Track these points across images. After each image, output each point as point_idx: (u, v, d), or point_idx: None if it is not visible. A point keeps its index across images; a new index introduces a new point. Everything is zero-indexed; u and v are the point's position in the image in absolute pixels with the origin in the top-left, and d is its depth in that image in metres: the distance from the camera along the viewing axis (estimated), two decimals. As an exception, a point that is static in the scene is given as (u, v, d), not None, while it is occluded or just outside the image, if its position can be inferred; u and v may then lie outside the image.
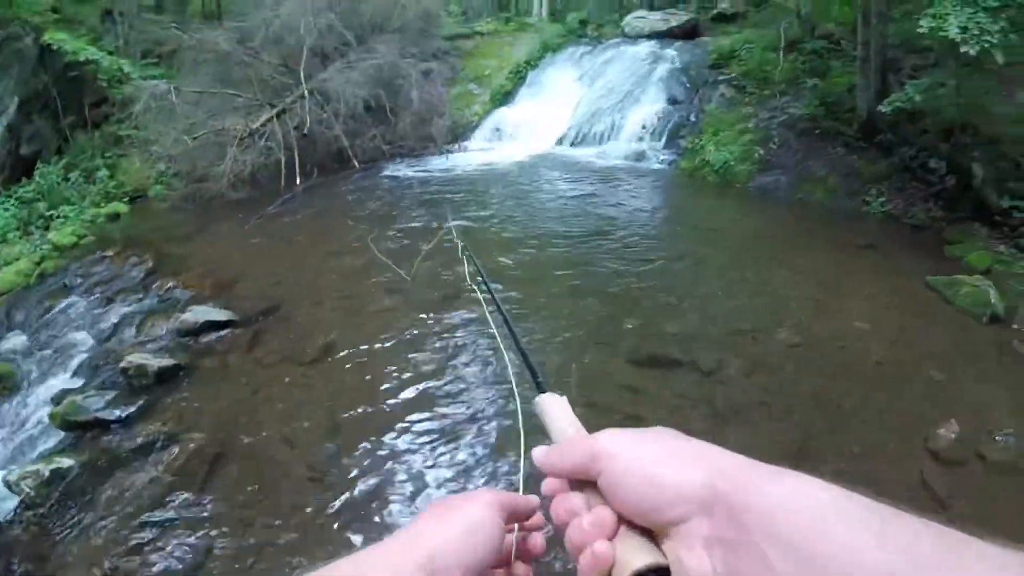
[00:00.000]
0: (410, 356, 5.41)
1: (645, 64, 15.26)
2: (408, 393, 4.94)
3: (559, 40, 17.93)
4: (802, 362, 5.53)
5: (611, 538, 0.56)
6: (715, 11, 18.69)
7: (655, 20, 17.63)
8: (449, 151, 13.61)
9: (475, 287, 1.43)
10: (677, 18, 17.60)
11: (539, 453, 0.66)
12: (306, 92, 11.84)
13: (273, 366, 5.41)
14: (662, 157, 12.78)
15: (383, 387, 5.03)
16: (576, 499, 0.61)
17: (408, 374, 5.17)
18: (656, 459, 0.55)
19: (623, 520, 0.56)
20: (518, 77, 16.41)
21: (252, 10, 13.77)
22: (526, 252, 7.84)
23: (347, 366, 5.36)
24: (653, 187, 11.44)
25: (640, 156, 12.86)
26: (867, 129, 10.83)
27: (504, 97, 15.86)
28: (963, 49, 7.37)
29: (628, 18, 18.35)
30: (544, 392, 0.76)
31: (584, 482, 0.61)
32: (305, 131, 11.47)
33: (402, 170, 12.21)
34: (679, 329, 5.97)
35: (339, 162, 12.09)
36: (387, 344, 5.63)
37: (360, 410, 4.78)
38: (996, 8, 7.36)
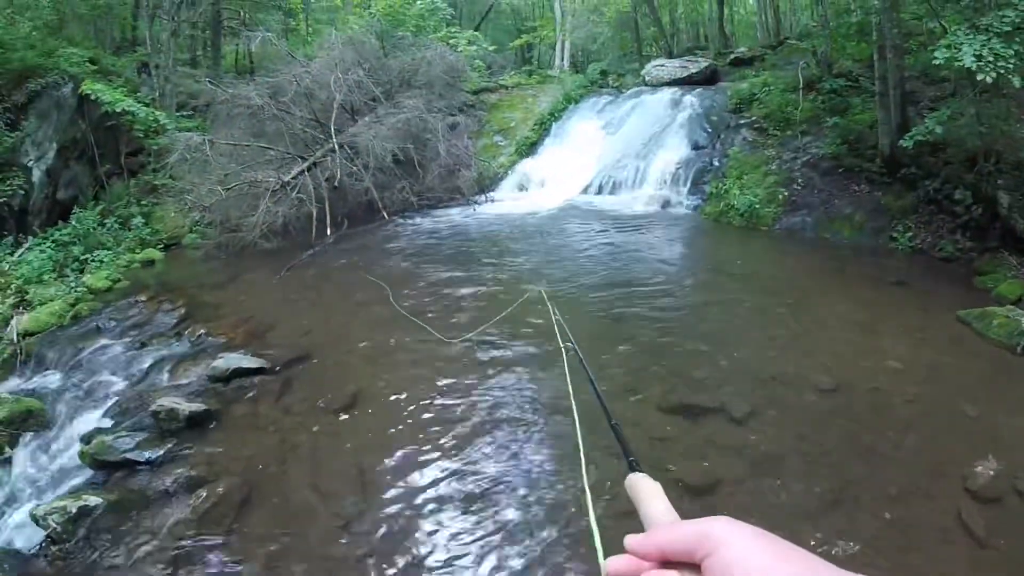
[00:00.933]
0: (441, 413, 5.38)
1: (666, 111, 15.45)
2: (437, 447, 4.92)
3: (581, 91, 18.25)
4: (835, 406, 5.45)
5: None
6: (733, 56, 18.90)
7: (674, 68, 17.90)
8: (476, 202, 13.86)
9: (563, 350, 1.40)
10: (696, 65, 17.86)
11: (635, 538, 0.66)
12: (336, 146, 12.17)
13: (302, 414, 5.45)
14: (687, 202, 12.87)
15: (411, 440, 5.02)
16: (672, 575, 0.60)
17: (436, 429, 5.14)
18: (770, 553, 0.55)
19: None
20: (542, 128, 16.73)
21: (283, 66, 14.23)
22: (554, 293, 7.82)
23: (375, 417, 5.38)
24: (679, 233, 11.45)
25: (665, 202, 12.97)
26: (890, 164, 10.83)
27: (529, 148, 16.17)
28: (979, 77, 7.40)
29: (648, 67, 18.65)
30: (637, 471, 0.77)
31: (678, 568, 0.61)
32: (336, 183, 11.78)
33: (430, 221, 12.44)
34: (708, 375, 5.91)
35: (369, 213, 12.37)
36: (416, 397, 5.60)
37: (387, 462, 4.77)
38: (1010, 32, 7.38)
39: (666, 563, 0.62)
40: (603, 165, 14.64)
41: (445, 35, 19.41)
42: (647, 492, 0.72)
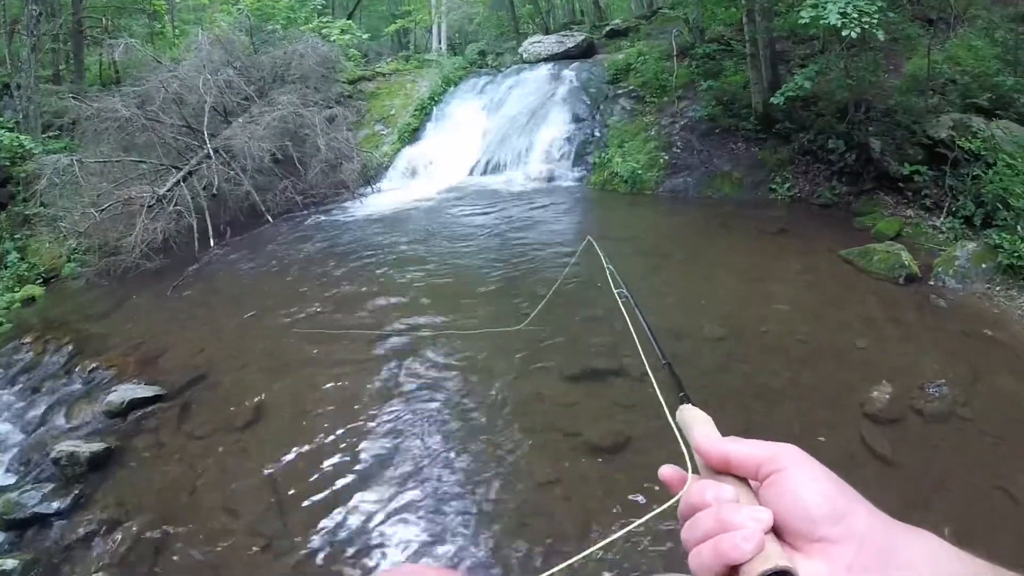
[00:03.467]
0: (345, 412, 5.22)
1: (546, 87, 15.29)
2: (346, 450, 4.75)
3: (460, 72, 17.86)
4: (729, 352, 5.52)
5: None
6: (608, 28, 18.98)
7: (551, 43, 17.75)
8: (363, 195, 13.28)
9: (618, 299, 1.50)
10: (572, 39, 17.76)
11: (710, 439, 0.68)
12: (211, 151, 11.38)
13: (205, 437, 5.20)
14: (572, 175, 12.78)
15: (319, 445, 4.84)
16: (728, 490, 0.61)
17: (344, 430, 4.99)
18: (834, 483, 0.59)
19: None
20: (423, 113, 16.24)
21: (150, 73, 13.24)
22: (451, 284, 7.67)
23: (280, 427, 5.15)
24: (567, 205, 11.37)
25: (551, 176, 12.81)
26: (764, 121, 11.06)
27: (412, 134, 15.65)
28: (845, 33, 7.57)
29: (525, 44, 18.43)
30: (688, 403, 0.78)
31: (731, 480, 0.63)
32: (214, 191, 11.02)
33: (315, 219, 11.87)
34: (606, 340, 5.85)
35: (252, 218, 11.63)
36: (319, 401, 5.42)
37: (299, 471, 4.61)
38: None
39: (721, 472, 0.65)
40: (487, 145, 14.37)
41: (317, 26, 18.62)
42: (700, 420, 0.74)
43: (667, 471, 0.69)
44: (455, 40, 25.69)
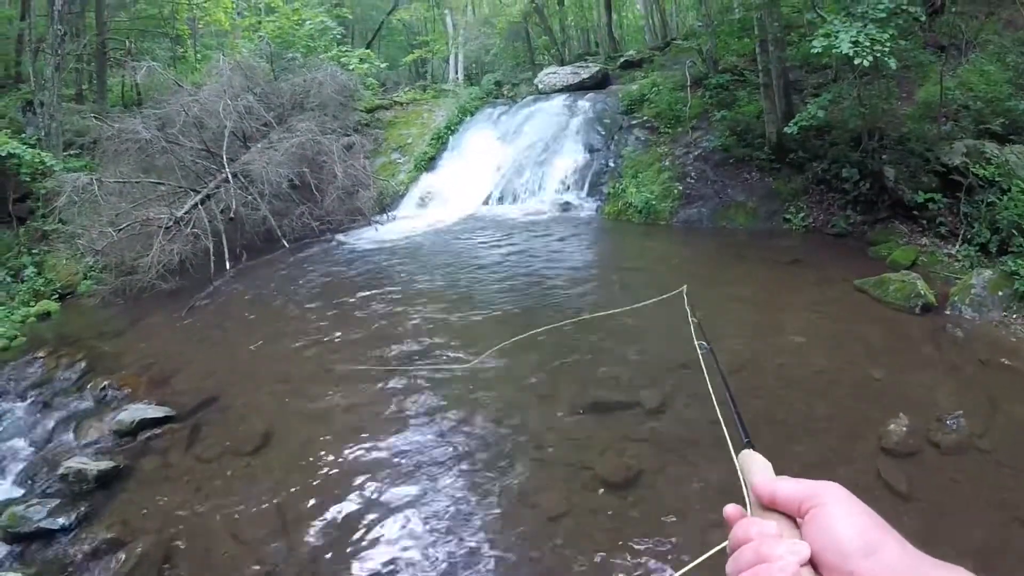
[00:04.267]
0: (353, 441, 5.16)
1: (561, 117, 15.46)
2: (354, 479, 4.69)
3: (476, 103, 18.07)
4: (744, 385, 5.43)
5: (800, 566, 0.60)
6: (622, 59, 19.16)
7: (566, 74, 17.96)
8: (378, 222, 13.40)
9: (698, 350, 1.55)
10: (587, 70, 17.96)
11: (762, 479, 0.73)
12: (229, 175, 11.53)
13: (214, 460, 5.17)
14: (587, 205, 12.85)
15: (327, 473, 4.80)
16: (770, 525, 0.65)
17: (352, 459, 4.94)
18: (868, 519, 0.61)
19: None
20: (440, 142, 16.41)
21: (171, 96, 13.44)
22: (464, 314, 7.63)
23: (289, 454, 5.14)
24: (581, 235, 11.38)
25: (566, 207, 12.89)
26: (778, 150, 11.07)
27: (428, 163, 15.82)
28: (857, 62, 7.60)
29: (541, 75, 18.67)
30: (751, 448, 0.84)
31: (776, 516, 0.67)
32: (231, 215, 11.13)
33: (331, 246, 11.95)
34: (620, 372, 5.83)
35: (268, 243, 11.73)
36: (329, 429, 5.38)
37: (306, 498, 4.55)
38: (884, 18, 7.61)
39: (770, 509, 0.68)
40: (502, 175, 14.48)
41: (336, 55, 18.87)
42: (759, 464, 0.79)
43: (729, 509, 0.72)
44: (472, 70, 25.97)
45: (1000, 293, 6.66)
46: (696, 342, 1.62)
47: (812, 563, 0.60)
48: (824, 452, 4.53)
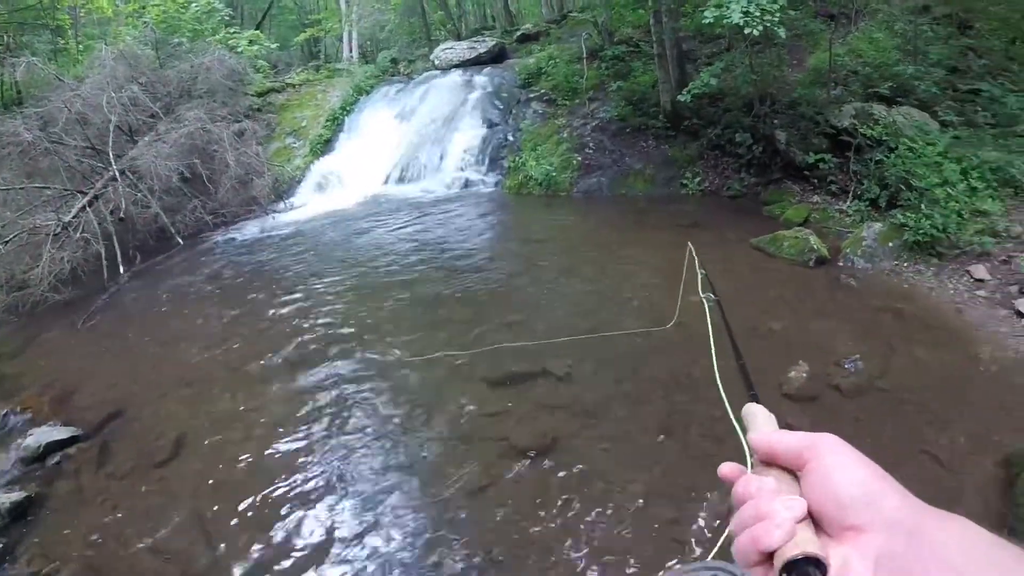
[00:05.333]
0: (269, 440, 4.99)
1: (458, 93, 15.25)
2: (273, 478, 4.54)
3: (372, 81, 17.62)
4: (649, 345, 5.47)
5: (797, 523, 0.58)
6: (519, 33, 19.06)
7: (463, 49, 17.69)
8: (275, 211, 12.82)
9: (704, 303, 1.55)
10: (484, 44, 17.74)
11: (759, 433, 0.70)
12: (117, 173, 10.75)
13: (127, 476, 4.93)
14: (488, 180, 12.70)
15: (244, 475, 4.64)
16: (769, 481, 0.63)
17: (269, 458, 4.79)
18: (866, 469, 0.59)
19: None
20: (335, 124, 15.93)
21: (52, 92, 12.52)
22: (371, 297, 7.47)
23: (203, 460, 4.92)
24: (483, 210, 11.25)
25: (467, 183, 12.72)
26: (673, 118, 11.20)
27: (324, 146, 15.32)
28: (747, 31, 7.69)
29: (437, 51, 18.31)
30: (756, 403, 0.80)
31: (776, 471, 0.65)
32: (121, 215, 10.40)
33: (228, 238, 11.38)
34: (528, 342, 5.77)
35: (162, 241, 11.03)
36: (242, 429, 5.18)
37: (225, 502, 4.39)
38: None
39: (770, 464, 0.67)
40: (401, 154, 14.17)
41: (224, 37, 18.07)
42: (761, 417, 0.76)
43: (725, 469, 0.70)
44: (367, 48, 25.32)
45: (890, 244, 6.91)
46: (703, 294, 1.63)
47: (813, 517, 0.59)
48: (730, 405, 4.50)
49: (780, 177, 9.47)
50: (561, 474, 4.09)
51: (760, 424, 0.75)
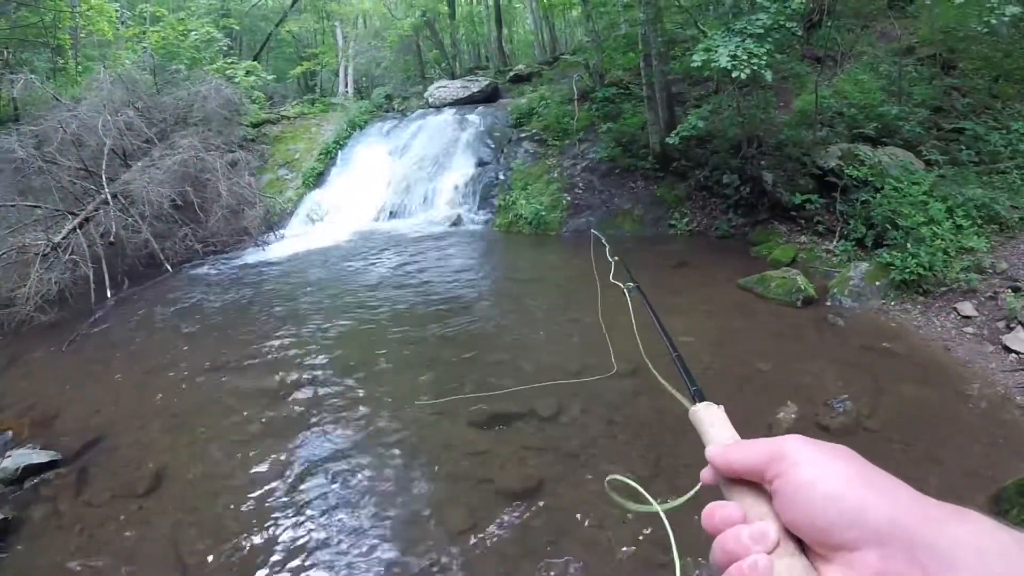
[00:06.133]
0: (250, 472, 4.92)
1: (451, 131, 15.41)
2: (254, 512, 4.46)
3: (366, 116, 17.80)
4: (636, 386, 5.40)
5: (770, 553, 0.53)
6: (512, 73, 19.34)
7: (457, 88, 17.93)
8: (265, 242, 12.81)
9: (625, 291, 1.41)
10: (477, 84, 18.01)
11: (715, 448, 0.65)
12: (109, 196, 10.77)
13: (104, 504, 4.83)
14: (478, 218, 12.78)
15: (224, 508, 4.55)
16: (732, 508, 0.58)
17: (250, 491, 4.70)
18: (842, 477, 0.52)
19: (784, 533, 0.54)
20: (328, 158, 16.03)
21: (49, 111, 12.59)
22: (356, 331, 7.45)
23: (183, 491, 4.86)
24: (472, 248, 11.29)
25: (457, 220, 12.78)
26: (662, 159, 11.35)
27: (316, 179, 15.39)
28: (735, 75, 7.85)
29: (431, 89, 18.59)
30: (701, 401, 0.74)
31: (744, 489, 0.59)
32: (111, 238, 10.37)
33: (217, 268, 11.34)
34: (514, 381, 5.77)
35: (151, 268, 10.98)
36: (223, 461, 5.11)
37: (204, 537, 4.29)
38: (762, 33, 7.90)
39: (735, 480, 0.61)
40: (393, 190, 14.27)
41: (222, 67, 18.22)
42: (710, 420, 0.70)
43: (705, 474, 0.65)
44: (362, 84, 25.60)
45: (877, 283, 6.96)
46: (622, 285, 1.46)
47: (798, 539, 0.53)
48: (715, 445, 4.50)
49: (767, 218, 9.56)
50: (546, 517, 4.01)
51: (713, 431, 0.69)
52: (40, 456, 5.47)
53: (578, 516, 4.00)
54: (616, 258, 1.69)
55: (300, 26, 27.66)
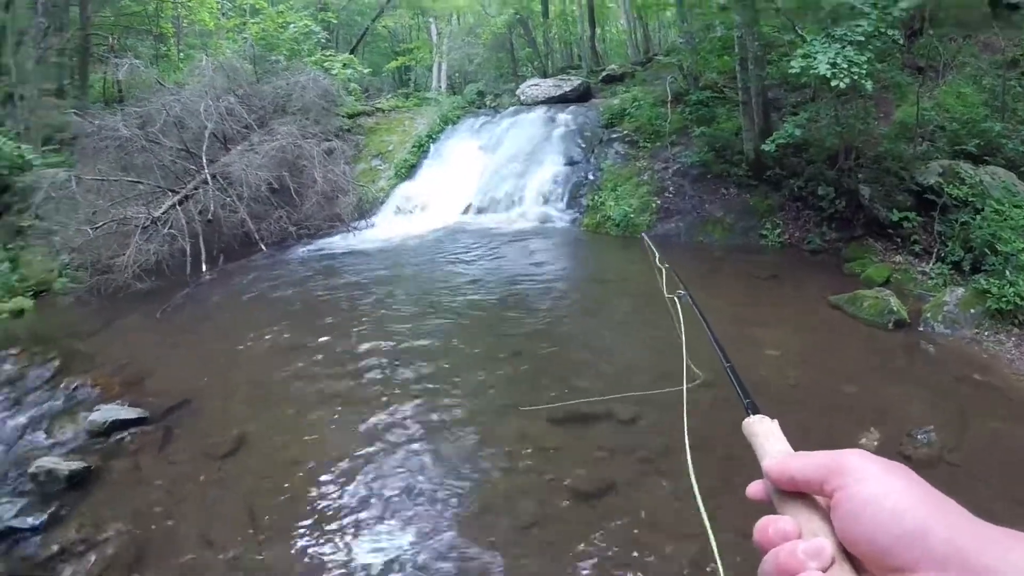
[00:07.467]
0: (328, 449, 5.11)
1: (542, 129, 15.51)
2: (328, 487, 4.65)
3: (458, 112, 18.08)
4: (718, 397, 5.38)
5: (825, 571, 0.53)
6: (604, 73, 19.27)
7: (549, 87, 18.04)
8: (357, 228, 13.32)
9: (675, 299, 1.39)
10: (570, 83, 18.06)
11: (773, 459, 0.65)
12: (208, 176, 11.47)
13: (186, 463, 5.13)
14: (566, 216, 12.87)
15: (300, 480, 4.75)
16: (787, 522, 0.58)
17: (326, 467, 4.88)
18: (905, 495, 0.52)
19: (839, 550, 0.54)
20: (420, 150, 16.37)
21: (153, 94, 13.39)
22: (441, 321, 7.63)
23: (261, 460, 5.09)
24: (559, 247, 11.42)
25: (545, 218, 12.91)
26: (756, 167, 11.17)
27: (408, 171, 15.74)
28: (834, 83, 7.71)
29: (523, 86, 18.73)
30: (755, 414, 0.75)
31: (798, 503, 0.60)
32: (209, 216, 11.07)
33: (309, 250, 11.84)
34: (594, 383, 5.84)
35: (246, 246, 11.63)
36: (302, 435, 5.35)
37: (279, 505, 4.50)
38: (863, 41, 7.73)
39: (796, 492, 0.60)
40: (482, 184, 14.47)
41: (320, 59, 18.80)
42: (765, 433, 0.70)
43: (751, 490, 0.67)
44: (455, 79, 26.00)
45: (972, 311, 6.76)
46: (669, 295, 1.44)
47: (850, 552, 0.54)
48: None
49: (862, 234, 9.34)
50: (614, 521, 4.03)
51: (768, 444, 0.69)
52: (128, 412, 5.78)
53: (647, 524, 4.00)
54: (666, 265, 1.66)
55: (395, 22, 28.29)
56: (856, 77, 7.63)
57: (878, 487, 0.53)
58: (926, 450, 4.63)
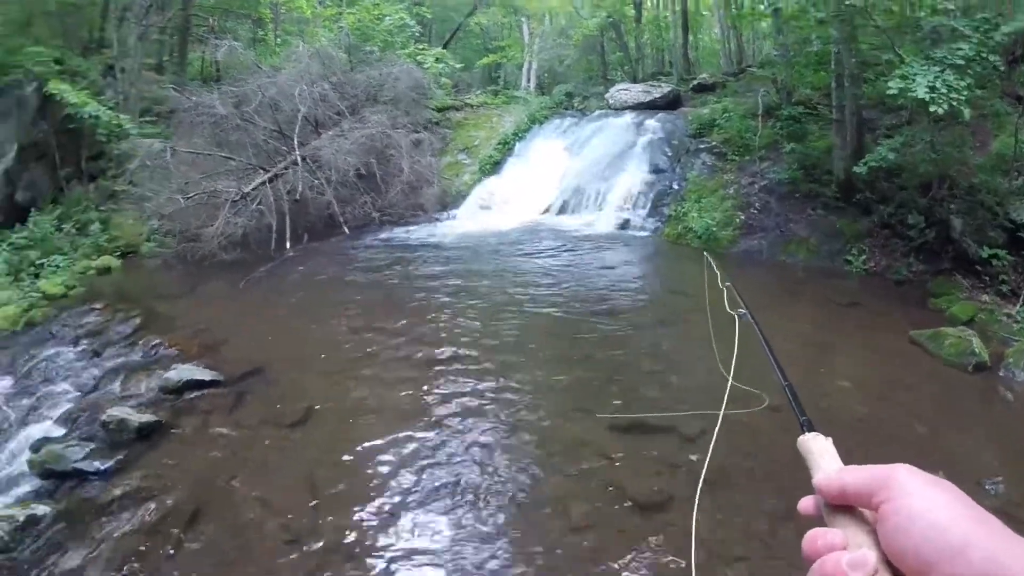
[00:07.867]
0: (391, 430, 5.23)
1: (629, 134, 15.46)
2: (388, 466, 4.78)
3: (546, 112, 18.20)
4: (784, 424, 5.39)
5: None
6: (695, 82, 19.06)
7: (638, 92, 17.99)
8: (438, 219, 13.74)
9: (737, 318, 1.39)
10: (659, 90, 17.97)
11: (825, 474, 0.67)
12: (299, 158, 12.01)
13: (253, 427, 5.35)
14: (647, 224, 12.87)
15: (362, 457, 4.90)
16: (835, 535, 0.60)
17: (389, 447, 5.02)
18: (949, 509, 0.54)
19: (883, 562, 0.56)
20: (506, 148, 16.59)
21: (249, 76, 13.99)
22: (515, 318, 7.75)
23: (327, 432, 5.27)
24: (638, 255, 11.45)
25: (625, 224, 12.94)
26: (845, 189, 10.96)
27: (493, 167, 16.02)
28: (932, 108, 7.52)
29: (612, 90, 18.70)
30: (811, 431, 0.77)
31: (846, 516, 0.62)
32: (297, 196, 11.60)
33: (391, 237, 12.24)
34: (661, 395, 5.86)
35: (330, 227, 12.19)
36: (369, 414, 5.50)
37: (339, 477, 4.66)
38: (963, 65, 7.54)
39: (843, 506, 0.63)
40: (565, 186, 14.58)
41: (412, 52, 19.15)
42: (819, 450, 0.73)
43: (803, 505, 0.70)
44: (544, 79, 26.11)
45: (1057, 359, 6.55)
46: (732, 312, 1.42)
47: (893, 565, 0.56)
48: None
49: (950, 268, 9.08)
50: (668, 536, 3.99)
51: (822, 461, 0.71)
52: (203, 374, 6.06)
53: (698, 542, 3.93)
54: (728, 284, 1.62)
55: (488, 19, 28.46)
56: (955, 103, 7.43)
57: (923, 501, 0.55)
58: (992, 501, 4.50)
